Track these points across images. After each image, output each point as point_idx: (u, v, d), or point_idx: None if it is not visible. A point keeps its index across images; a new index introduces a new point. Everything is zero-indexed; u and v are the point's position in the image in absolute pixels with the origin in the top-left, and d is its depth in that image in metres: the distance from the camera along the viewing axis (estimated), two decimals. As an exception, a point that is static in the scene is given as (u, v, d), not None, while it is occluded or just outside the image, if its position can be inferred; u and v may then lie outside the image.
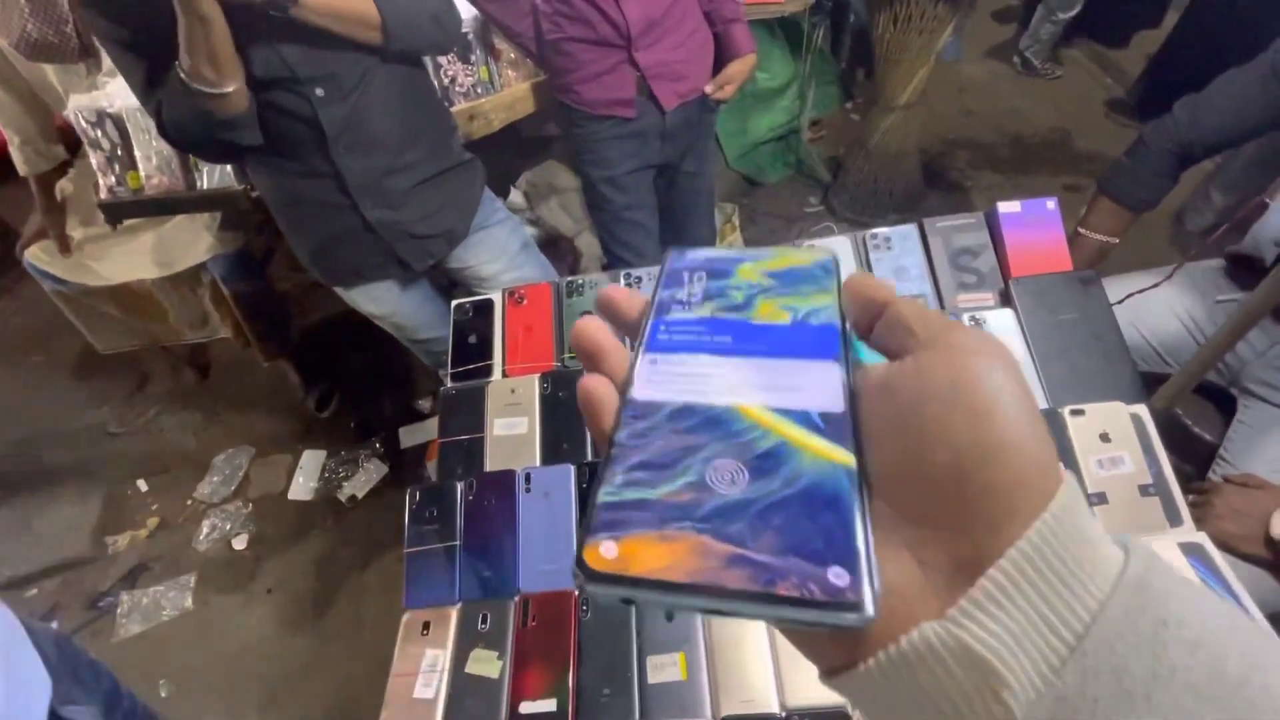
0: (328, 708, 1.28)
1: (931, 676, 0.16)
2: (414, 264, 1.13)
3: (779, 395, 0.20)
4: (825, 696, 0.63)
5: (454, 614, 0.73)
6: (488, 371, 0.94)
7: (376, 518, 1.55)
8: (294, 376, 1.70)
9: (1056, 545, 0.16)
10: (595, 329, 0.23)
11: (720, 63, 1.24)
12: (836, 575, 0.16)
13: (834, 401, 0.20)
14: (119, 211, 1.23)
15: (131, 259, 1.42)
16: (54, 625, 1.47)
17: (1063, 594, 0.16)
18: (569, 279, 1.02)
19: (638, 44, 1.12)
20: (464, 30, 1.23)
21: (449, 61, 1.24)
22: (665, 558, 0.17)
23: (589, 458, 0.82)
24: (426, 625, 0.73)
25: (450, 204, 1.11)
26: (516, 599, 0.73)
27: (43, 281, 1.44)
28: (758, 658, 0.66)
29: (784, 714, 0.63)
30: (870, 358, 0.22)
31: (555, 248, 1.65)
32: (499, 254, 1.19)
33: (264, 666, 1.39)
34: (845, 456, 0.19)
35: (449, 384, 0.95)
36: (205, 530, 1.61)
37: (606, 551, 0.17)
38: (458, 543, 0.78)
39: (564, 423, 0.86)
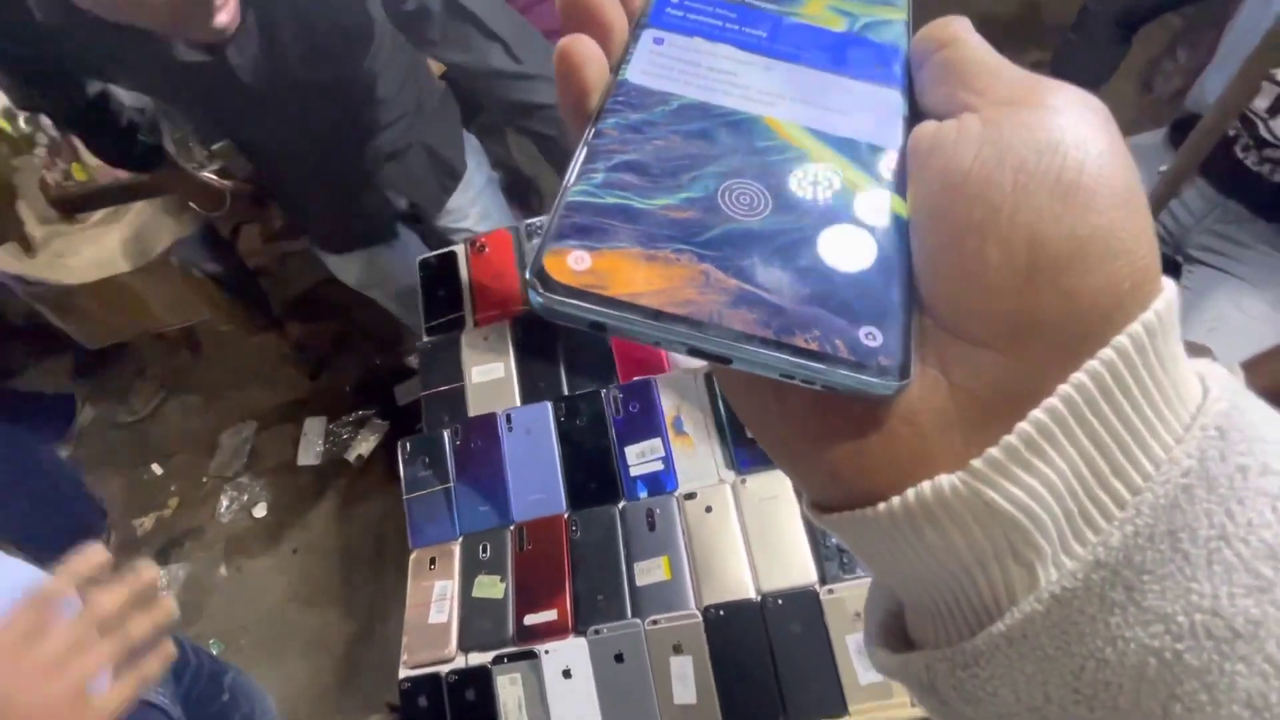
0: (364, 644, 1.40)
1: (942, 536, 0.13)
2: (432, 207, 1.13)
3: (821, 114, 0.16)
4: (796, 580, 0.70)
5: (456, 548, 0.80)
6: (460, 323, 0.98)
7: (384, 473, 1.63)
8: (283, 348, 1.73)
9: (1130, 380, 0.13)
10: None
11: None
12: (869, 335, 0.13)
13: (889, 135, 0.16)
14: (70, 205, 1.23)
15: (101, 254, 1.42)
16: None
17: (1124, 440, 0.13)
18: (528, 222, 1.04)
19: None
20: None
21: None
22: (655, 281, 0.14)
23: (565, 392, 0.87)
24: (433, 560, 0.80)
25: (446, 138, 1.10)
26: (512, 528, 0.80)
27: (15, 286, 1.44)
28: (735, 553, 0.72)
29: (759, 598, 0.70)
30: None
31: (516, 191, 1.63)
32: (475, 193, 1.19)
33: (301, 617, 1.51)
34: (895, 201, 0.15)
35: (424, 338, 0.98)
36: (225, 504, 1.69)
37: (576, 262, 0.14)
38: (451, 484, 0.84)
39: (538, 364, 0.90)
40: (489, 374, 0.91)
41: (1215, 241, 0.89)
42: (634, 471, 0.79)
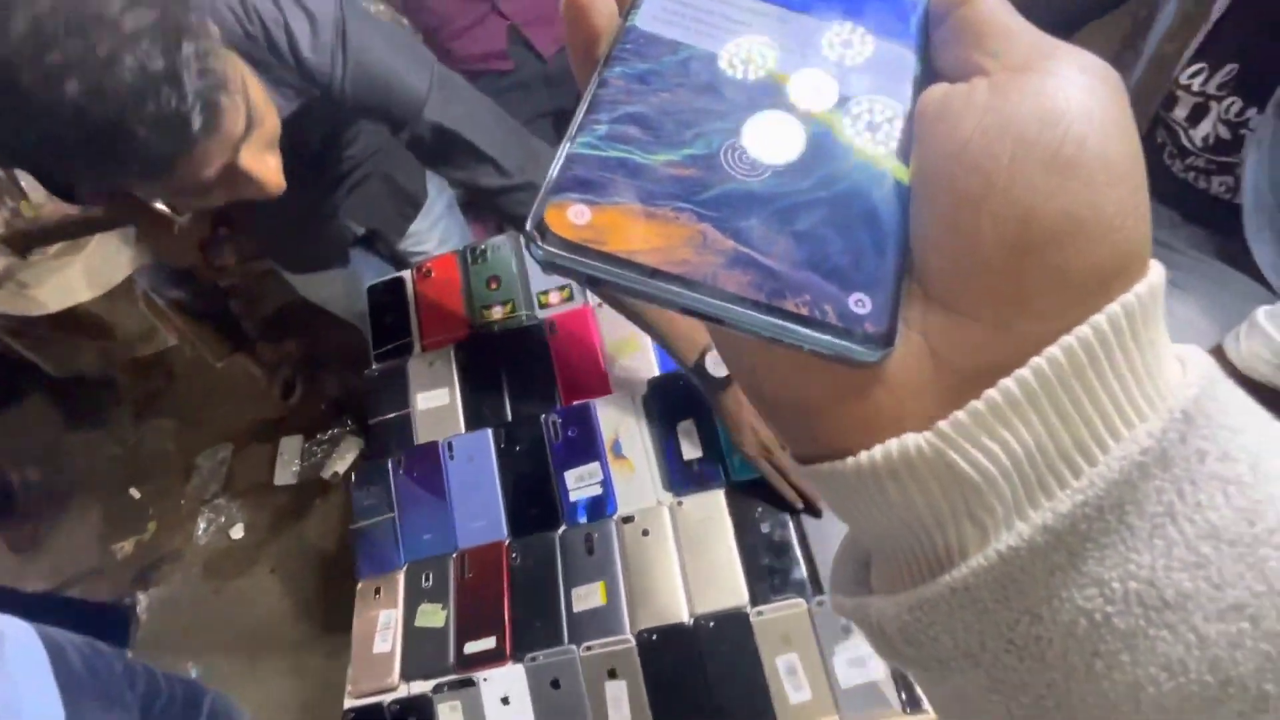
0: (344, 661, 1.41)
1: (903, 492, 0.14)
2: (392, 234, 1.13)
3: (832, 71, 0.16)
4: (727, 602, 0.71)
5: (401, 576, 0.81)
6: (408, 349, 0.98)
7: (359, 490, 1.64)
8: (254, 369, 1.74)
9: (1104, 358, 0.13)
10: None
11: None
12: (858, 302, 0.14)
13: (898, 97, 0.16)
14: (23, 242, 1.23)
15: (66, 283, 1.43)
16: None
17: (1089, 416, 0.13)
18: (471, 245, 1.04)
19: None
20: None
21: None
22: (652, 239, 0.14)
23: (508, 417, 0.88)
24: (378, 590, 0.81)
25: (408, 169, 1.10)
26: (455, 555, 0.81)
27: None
28: (669, 576, 0.73)
29: (692, 622, 0.71)
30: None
31: (476, 207, 1.63)
32: (435, 218, 1.19)
33: (282, 635, 1.52)
34: (897, 168, 0.15)
35: (374, 365, 0.99)
36: (202, 526, 1.70)
37: (576, 216, 0.14)
38: (396, 514, 0.85)
39: (482, 389, 0.91)
40: (434, 400, 0.92)
41: None
42: (573, 496, 0.80)
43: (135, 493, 1.80)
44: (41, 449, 1.89)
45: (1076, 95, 0.13)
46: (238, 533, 1.68)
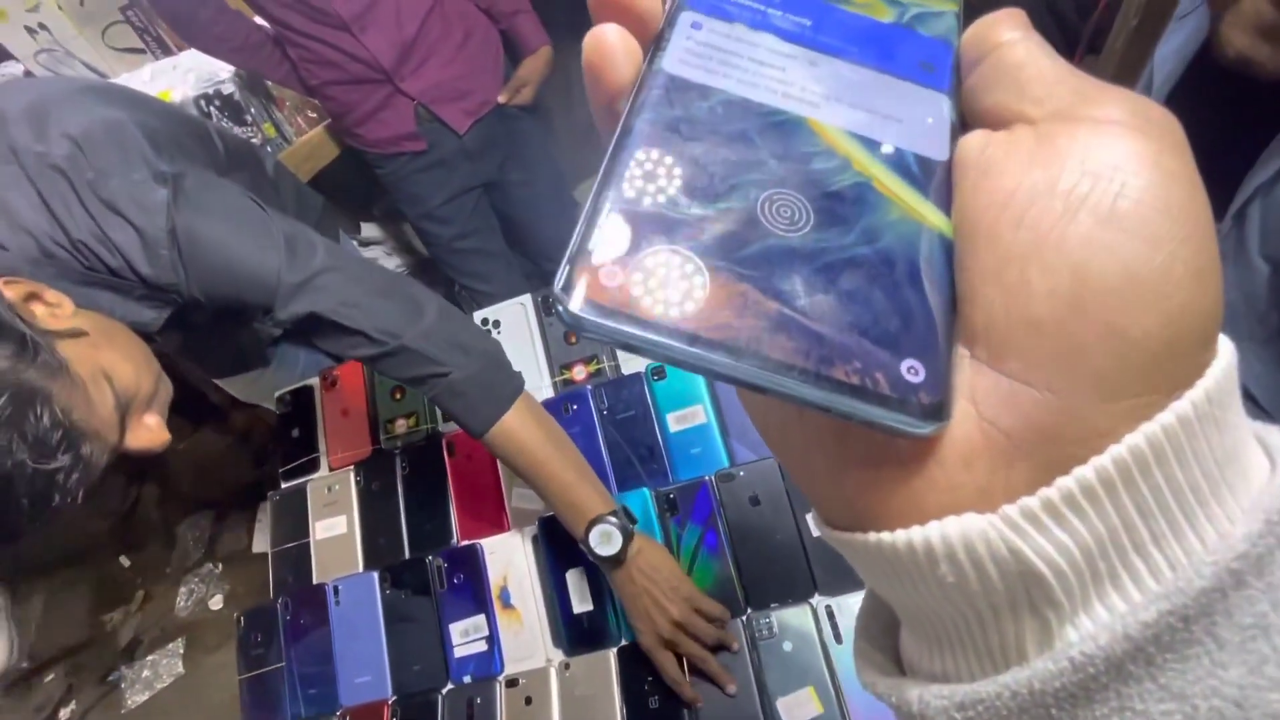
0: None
1: (959, 576, 0.12)
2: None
3: (866, 118, 0.15)
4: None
5: (284, 737, 0.76)
6: (315, 465, 0.93)
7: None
8: (225, 439, 1.74)
9: (1187, 447, 0.12)
10: None
11: (517, 60, 1.12)
12: (911, 370, 0.13)
13: (936, 145, 0.15)
14: None
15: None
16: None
17: (1171, 510, 0.12)
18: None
19: (399, 73, 1.02)
20: (225, 88, 1.13)
21: (217, 135, 1.15)
22: (690, 301, 0.13)
23: (405, 556, 0.82)
24: (261, 751, 0.76)
25: None
26: (338, 714, 0.75)
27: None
28: (552, 752, 0.66)
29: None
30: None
31: (426, 276, 1.58)
32: None
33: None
34: (941, 220, 0.14)
35: (281, 485, 0.94)
36: (183, 597, 1.71)
37: (608, 277, 0.13)
38: (283, 664, 0.80)
39: (380, 518, 0.85)
40: (332, 529, 0.87)
41: None
42: (458, 652, 0.74)
43: (125, 560, 1.83)
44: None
45: (1130, 144, 0.12)
46: (216, 604, 1.69)
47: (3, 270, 0.54)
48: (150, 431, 0.60)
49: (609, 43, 0.15)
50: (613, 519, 0.62)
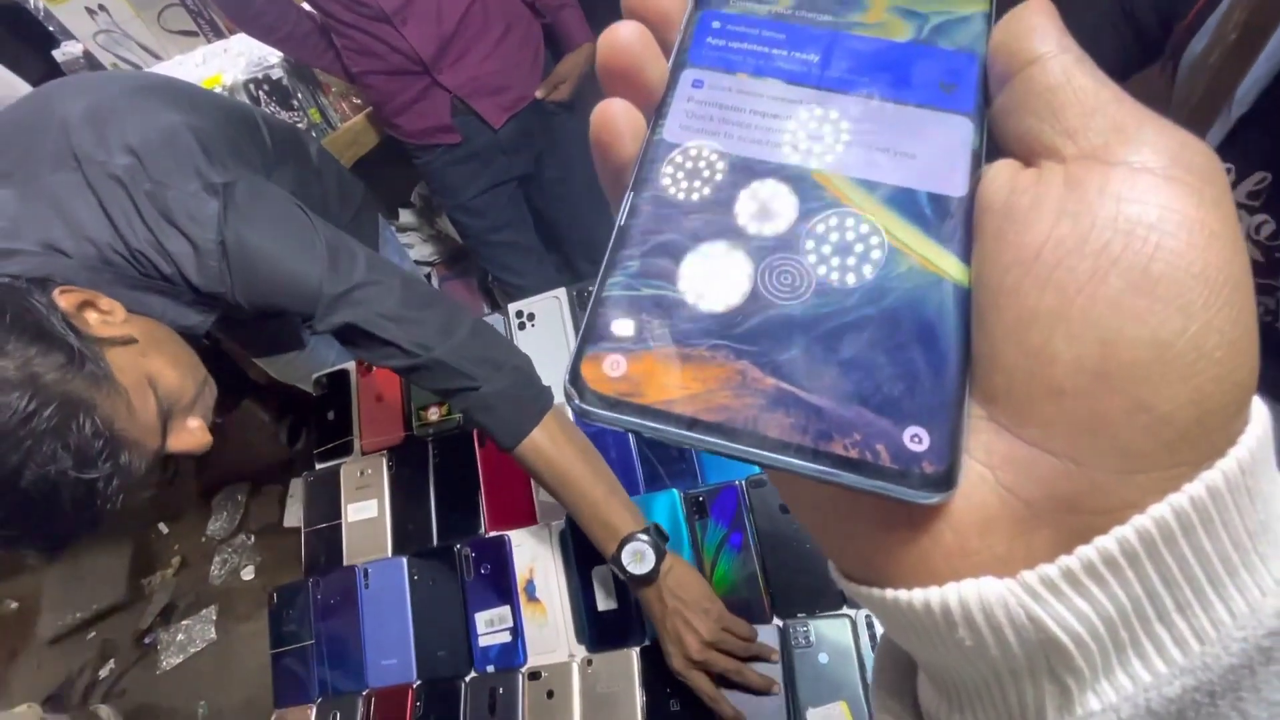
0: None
1: (977, 640, 0.12)
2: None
3: (878, 160, 0.14)
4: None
5: (312, 713, 0.78)
6: (348, 448, 0.95)
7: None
8: (262, 415, 1.78)
9: (1217, 518, 0.11)
10: (629, 37, 0.15)
11: (560, 55, 1.11)
12: (914, 438, 0.12)
13: (954, 180, 0.14)
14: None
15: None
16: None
17: (1198, 582, 0.11)
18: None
19: (437, 66, 1.02)
20: (274, 73, 1.15)
21: (264, 125, 1.16)
22: (690, 384, 0.13)
23: (434, 543, 0.83)
24: (290, 725, 0.79)
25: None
26: (364, 694, 0.77)
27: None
28: (572, 747, 0.67)
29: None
30: None
31: (460, 264, 1.59)
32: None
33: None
34: (955, 268, 0.13)
35: (315, 466, 0.96)
36: (217, 566, 1.77)
37: (611, 368, 0.13)
38: (313, 642, 0.82)
39: (410, 503, 0.86)
40: (363, 513, 0.88)
41: None
42: (483, 641, 0.75)
43: (163, 527, 1.90)
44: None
45: (1168, 198, 0.11)
46: (248, 574, 1.74)
47: (62, 277, 0.55)
48: (192, 435, 0.61)
49: (613, 117, 0.15)
50: (644, 536, 0.62)
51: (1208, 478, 0.11)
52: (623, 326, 0.13)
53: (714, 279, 0.14)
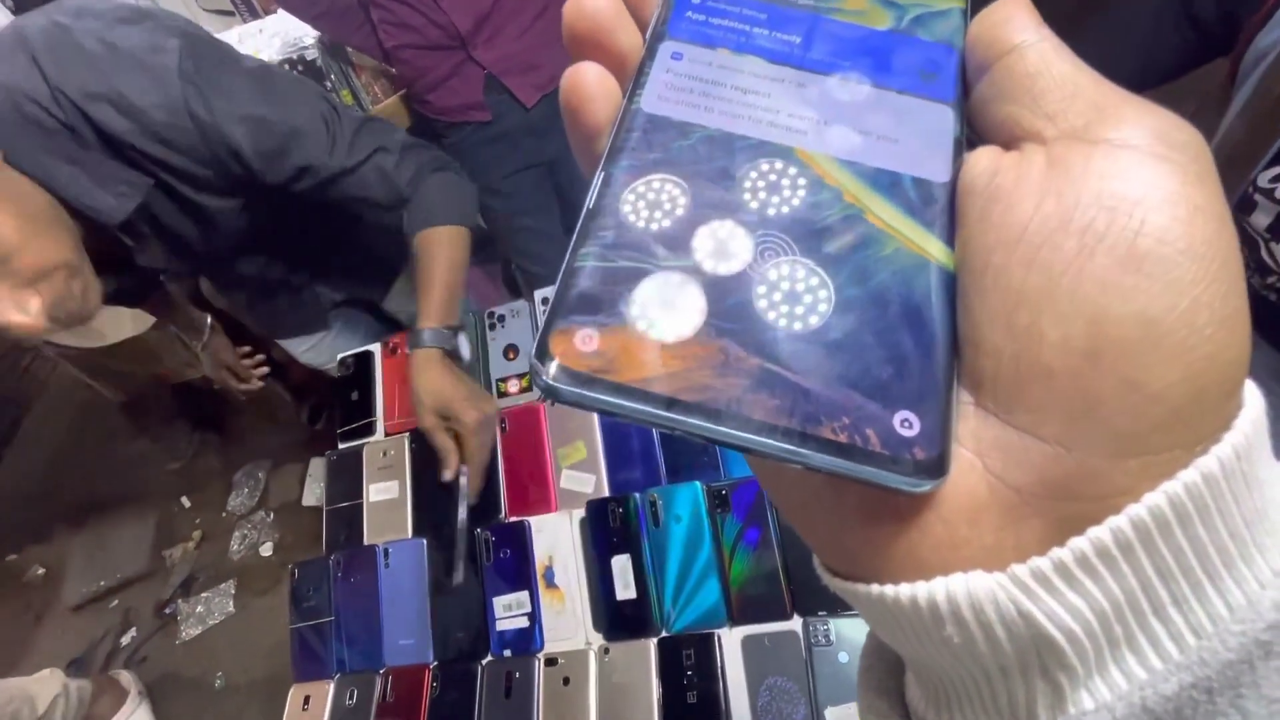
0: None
1: (965, 636, 0.12)
2: (374, 298, 1.14)
3: (860, 142, 0.14)
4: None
5: (330, 688, 0.79)
6: (371, 429, 0.96)
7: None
8: (285, 395, 1.80)
9: (1213, 506, 0.11)
10: (600, 2, 0.15)
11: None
12: (904, 423, 0.12)
13: (936, 165, 0.14)
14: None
15: (117, 319, 1.53)
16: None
17: (1194, 574, 0.11)
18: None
19: (473, 41, 1.02)
20: (309, 54, 1.15)
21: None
22: (668, 363, 0.12)
23: (458, 523, 0.83)
24: (308, 699, 0.80)
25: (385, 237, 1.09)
26: (381, 673, 0.78)
27: (43, 349, 1.58)
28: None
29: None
30: None
31: (485, 250, 1.59)
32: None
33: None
34: (940, 251, 0.13)
35: (339, 445, 0.97)
36: (236, 541, 1.80)
37: (583, 342, 0.12)
38: (332, 618, 0.83)
39: (432, 486, 0.87)
40: (385, 493, 0.89)
41: None
42: (500, 625, 0.75)
43: (185, 501, 1.93)
44: (107, 457, 2.07)
45: (1152, 173, 0.11)
46: (267, 550, 1.77)
47: None
48: (18, 308, 0.54)
49: (585, 82, 0.14)
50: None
51: (1203, 464, 0.11)
52: (595, 299, 0.13)
53: (694, 254, 0.13)
